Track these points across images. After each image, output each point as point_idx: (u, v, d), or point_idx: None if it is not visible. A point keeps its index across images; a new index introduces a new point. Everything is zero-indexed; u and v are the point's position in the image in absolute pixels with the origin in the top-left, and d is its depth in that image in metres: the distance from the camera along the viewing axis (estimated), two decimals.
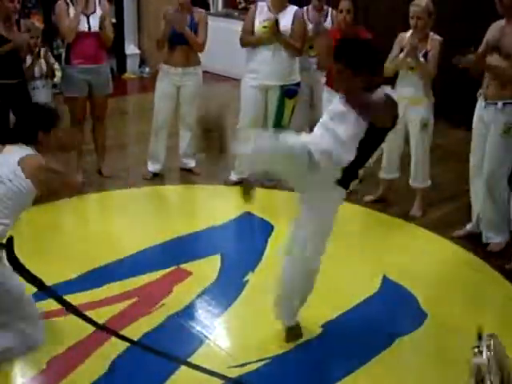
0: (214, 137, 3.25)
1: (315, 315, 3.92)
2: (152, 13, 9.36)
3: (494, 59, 4.59)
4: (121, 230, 5.13)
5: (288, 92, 5.79)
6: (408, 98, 5.22)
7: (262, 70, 5.70)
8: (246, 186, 3.67)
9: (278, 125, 5.85)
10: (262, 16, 5.66)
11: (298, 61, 6.00)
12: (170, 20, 5.69)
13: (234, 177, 5.97)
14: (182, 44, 5.79)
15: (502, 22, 4.65)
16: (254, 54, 5.74)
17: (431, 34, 5.15)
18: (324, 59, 5.59)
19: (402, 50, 5.17)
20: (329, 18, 6.06)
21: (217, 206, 5.69)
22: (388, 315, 4.06)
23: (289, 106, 5.84)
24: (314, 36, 5.95)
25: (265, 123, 5.92)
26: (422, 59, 5.08)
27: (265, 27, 5.60)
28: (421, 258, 4.86)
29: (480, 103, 4.81)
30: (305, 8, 6.07)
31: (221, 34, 8.47)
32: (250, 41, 5.72)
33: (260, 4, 5.76)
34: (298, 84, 5.86)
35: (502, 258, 4.74)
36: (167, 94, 5.98)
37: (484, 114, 4.76)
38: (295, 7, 5.72)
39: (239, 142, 3.23)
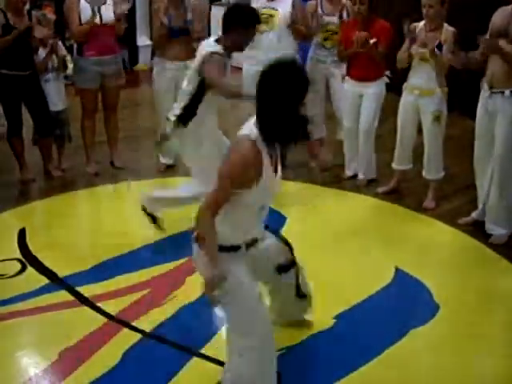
0: None
1: (328, 307, 3.90)
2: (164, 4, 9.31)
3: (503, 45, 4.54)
4: (133, 221, 5.12)
5: None
6: (420, 88, 5.20)
7: (260, 56, 5.68)
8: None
9: None
10: (258, 3, 5.69)
11: (315, 52, 6.00)
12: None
13: None
14: (181, 36, 5.73)
15: (508, 8, 4.59)
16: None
17: (445, 25, 5.09)
18: (342, 51, 5.61)
19: (414, 40, 5.13)
20: (344, 9, 5.95)
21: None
22: (401, 307, 4.04)
23: None
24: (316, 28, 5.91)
25: None
26: (435, 50, 5.04)
27: (262, 14, 5.54)
28: (434, 249, 4.83)
29: (483, 93, 4.76)
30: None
31: None
32: None
33: None
34: None
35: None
36: (167, 89, 5.86)
37: (489, 104, 4.70)
38: None
39: None
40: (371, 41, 5.31)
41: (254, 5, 5.64)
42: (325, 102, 6.21)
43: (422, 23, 5.14)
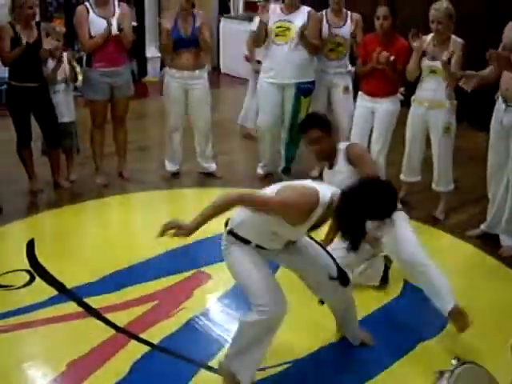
0: None
1: None
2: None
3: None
4: (141, 232, 5.13)
5: (303, 90, 5.87)
6: (429, 100, 5.19)
7: (278, 68, 5.83)
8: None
9: (295, 123, 5.92)
10: (274, 17, 5.80)
11: (317, 63, 6.04)
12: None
13: (261, 170, 6.23)
14: (187, 48, 5.82)
15: None
16: (270, 52, 5.87)
17: (453, 36, 5.09)
18: (361, 66, 5.61)
19: (423, 53, 5.14)
20: (348, 21, 5.99)
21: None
22: (409, 320, 4.01)
23: (304, 105, 5.96)
24: (329, 40, 5.96)
25: (281, 121, 6.08)
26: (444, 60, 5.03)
27: (279, 28, 5.74)
28: (442, 262, 4.76)
29: (498, 106, 4.75)
30: (324, 11, 6.05)
31: (241, 36, 8.49)
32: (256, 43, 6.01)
33: (272, 6, 5.87)
34: (312, 82, 5.95)
35: None
36: (175, 97, 6.01)
37: (503, 117, 4.69)
38: (307, 8, 5.83)
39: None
40: (391, 58, 5.29)
41: (270, 20, 5.75)
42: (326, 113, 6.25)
43: (430, 36, 5.15)
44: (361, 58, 5.59)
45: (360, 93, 5.69)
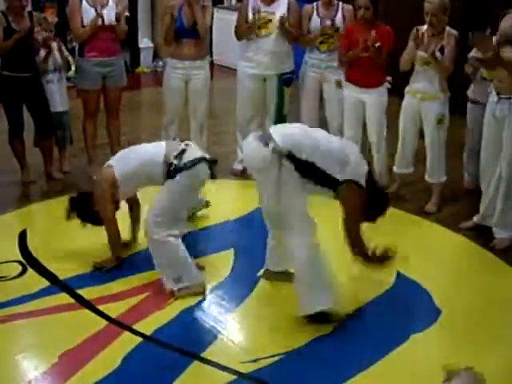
0: None
1: None
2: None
3: (506, 51, 4.54)
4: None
5: (285, 80, 5.85)
6: (422, 92, 5.20)
7: (259, 60, 5.77)
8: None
9: (280, 113, 5.92)
10: (254, 9, 5.72)
11: (309, 56, 6.00)
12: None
13: (239, 166, 6.11)
14: (189, 38, 5.77)
15: None
16: (250, 43, 5.82)
17: (447, 28, 5.10)
18: (343, 56, 5.56)
19: (417, 45, 5.14)
20: (339, 13, 5.88)
21: (230, 201, 5.67)
22: (402, 311, 4.02)
23: (287, 94, 5.92)
24: (319, 32, 5.88)
25: (264, 112, 6.05)
26: (438, 54, 5.04)
27: (262, 19, 5.67)
28: (435, 254, 4.82)
29: (492, 98, 4.77)
30: (314, 4, 5.99)
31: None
32: (245, 33, 5.82)
33: None
34: (292, 72, 5.94)
35: None
36: (175, 88, 5.95)
37: (496, 109, 4.71)
38: None
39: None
40: (376, 44, 5.27)
41: (251, 12, 5.71)
42: (318, 108, 6.20)
43: (425, 27, 5.14)
44: (344, 47, 5.54)
45: (346, 83, 5.64)
